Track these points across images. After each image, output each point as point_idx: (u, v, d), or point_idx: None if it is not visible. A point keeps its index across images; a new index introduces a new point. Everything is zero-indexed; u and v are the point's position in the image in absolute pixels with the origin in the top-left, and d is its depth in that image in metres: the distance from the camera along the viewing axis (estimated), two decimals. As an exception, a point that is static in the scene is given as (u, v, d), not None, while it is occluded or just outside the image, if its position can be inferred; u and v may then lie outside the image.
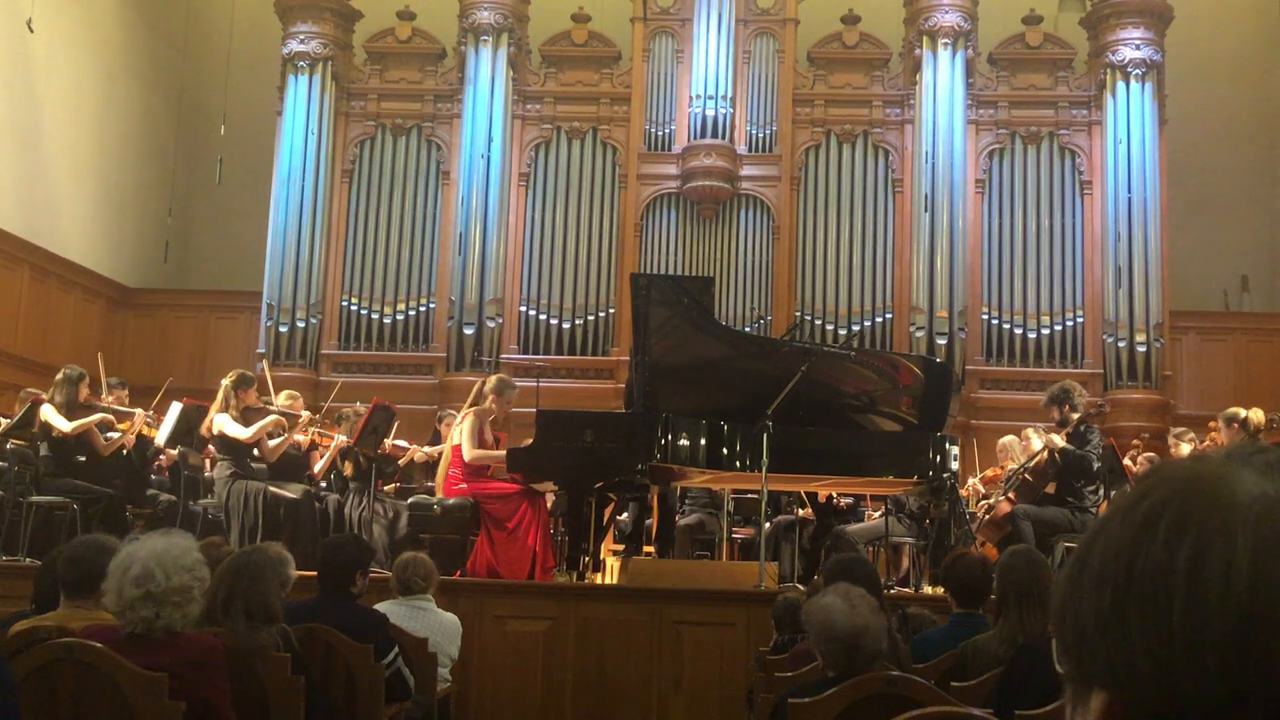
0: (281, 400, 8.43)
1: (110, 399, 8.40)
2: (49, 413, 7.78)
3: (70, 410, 7.87)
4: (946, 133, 12.00)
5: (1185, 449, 8.51)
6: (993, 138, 12.38)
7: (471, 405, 7.66)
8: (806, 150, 12.43)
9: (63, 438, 7.81)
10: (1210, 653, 0.61)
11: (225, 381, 7.95)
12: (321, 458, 8.60)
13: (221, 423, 7.76)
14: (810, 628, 3.31)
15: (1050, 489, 7.65)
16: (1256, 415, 7.74)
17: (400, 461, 8.94)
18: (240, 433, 7.73)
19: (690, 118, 12.21)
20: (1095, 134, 12.20)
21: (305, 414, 8.31)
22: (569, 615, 6.52)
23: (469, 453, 7.36)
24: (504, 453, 7.39)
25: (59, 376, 7.99)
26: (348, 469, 8.16)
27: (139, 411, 8.34)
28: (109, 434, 8.07)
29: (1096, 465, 7.49)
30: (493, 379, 7.89)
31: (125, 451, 8.33)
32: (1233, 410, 7.90)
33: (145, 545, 3.16)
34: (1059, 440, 7.48)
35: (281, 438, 8.09)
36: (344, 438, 8.20)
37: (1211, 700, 0.61)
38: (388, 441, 8.71)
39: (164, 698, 2.98)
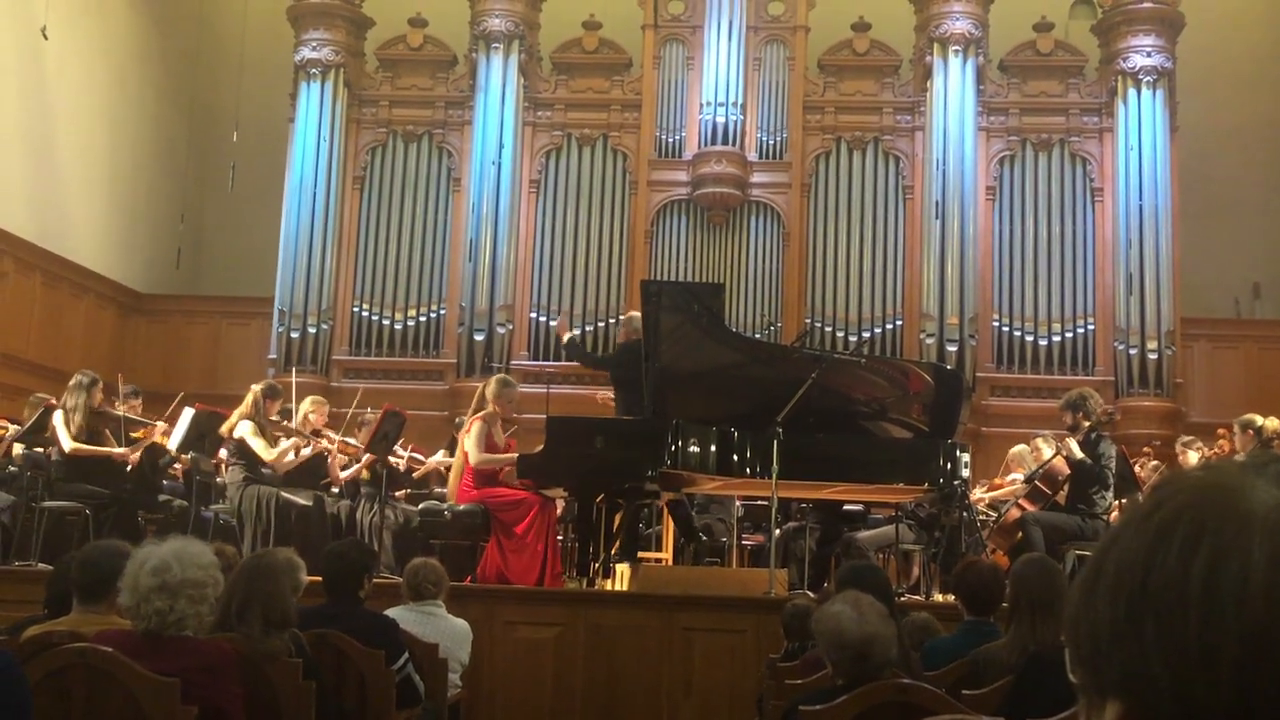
0: (306, 406, 8.42)
1: (124, 408, 8.39)
2: (58, 422, 7.78)
3: (85, 415, 7.87)
4: (957, 140, 11.99)
5: (1193, 457, 8.48)
6: (1003, 144, 12.37)
7: (475, 411, 7.64)
8: (817, 157, 12.43)
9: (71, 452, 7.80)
10: (1226, 663, 0.61)
11: (256, 388, 7.95)
12: (340, 466, 8.58)
13: (244, 431, 7.77)
14: (820, 636, 3.30)
15: (1061, 496, 7.64)
16: (1272, 423, 7.72)
17: (415, 475, 8.95)
18: (260, 449, 7.73)
19: (701, 124, 12.22)
20: (1106, 141, 12.18)
21: (335, 437, 8.29)
22: (579, 621, 6.52)
23: (475, 458, 7.35)
24: (513, 455, 7.40)
25: (72, 382, 8.00)
26: (365, 474, 8.17)
27: (159, 425, 8.32)
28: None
29: (1110, 479, 7.47)
30: (492, 381, 7.84)
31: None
32: (1249, 416, 7.88)
33: (164, 544, 3.21)
34: (1077, 450, 7.43)
35: (292, 456, 8.12)
36: (363, 447, 8.20)
37: (1227, 711, 0.61)
38: (405, 453, 8.73)
39: (176, 702, 2.99)
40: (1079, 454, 7.41)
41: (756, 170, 12.30)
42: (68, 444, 7.73)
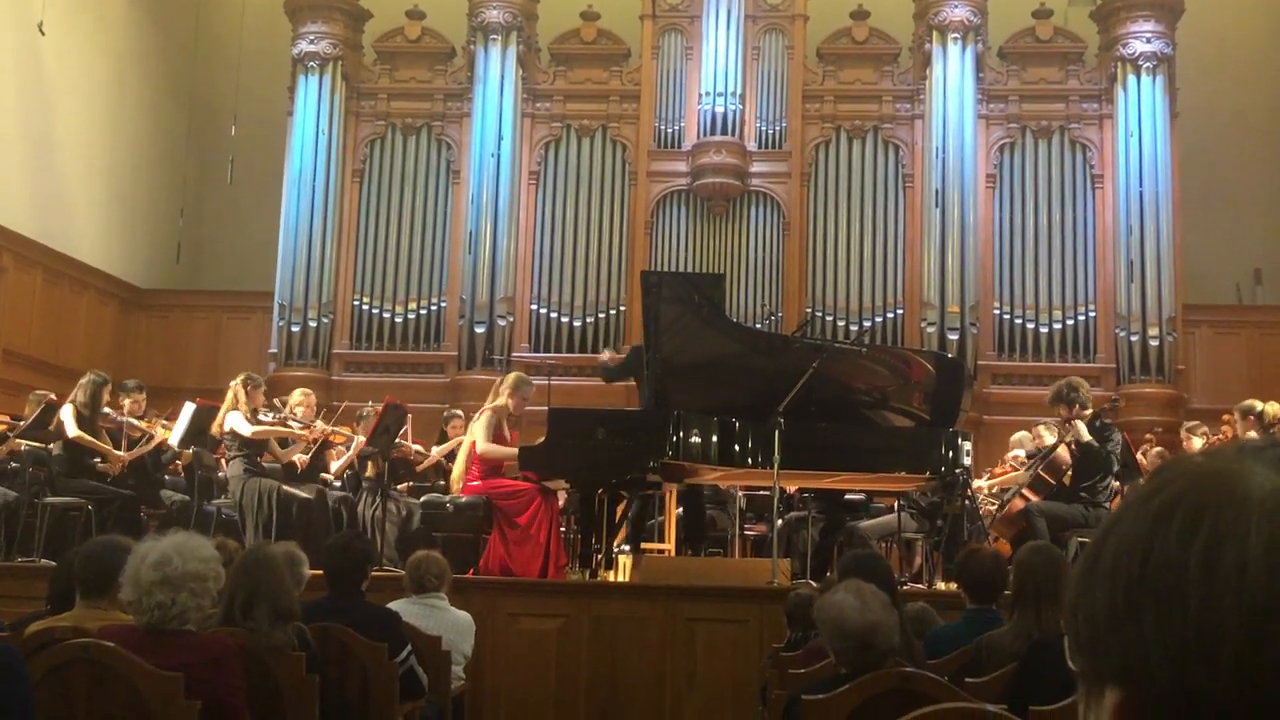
0: (295, 398, 8.46)
1: (128, 402, 8.41)
2: (66, 413, 7.83)
3: (91, 411, 7.91)
4: (957, 127, 11.97)
5: (1197, 443, 8.46)
6: (1003, 132, 12.35)
7: (490, 402, 7.66)
8: (816, 146, 12.41)
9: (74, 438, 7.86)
10: (1224, 649, 0.60)
11: (235, 382, 8.03)
12: (338, 457, 8.63)
13: (233, 420, 7.85)
14: (822, 625, 3.30)
15: (1065, 482, 7.62)
16: (1273, 408, 7.71)
17: (419, 469, 8.96)
18: (243, 428, 7.80)
19: (700, 114, 12.20)
20: (1106, 128, 12.16)
21: (320, 425, 8.35)
22: (582, 613, 6.52)
23: (482, 445, 7.34)
24: (516, 450, 7.40)
25: (84, 379, 8.05)
26: (371, 470, 8.17)
27: (157, 433, 8.36)
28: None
29: (1116, 466, 7.45)
30: (511, 376, 7.88)
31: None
32: (1249, 403, 7.86)
33: (164, 539, 3.21)
34: (1085, 432, 7.34)
35: (291, 445, 8.16)
36: (363, 438, 8.23)
37: (1226, 696, 0.60)
38: (409, 446, 8.74)
39: (180, 697, 2.99)
40: (1087, 435, 7.33)
41: (756, 160, 12.28)
42: (72, 430, 7.78)
